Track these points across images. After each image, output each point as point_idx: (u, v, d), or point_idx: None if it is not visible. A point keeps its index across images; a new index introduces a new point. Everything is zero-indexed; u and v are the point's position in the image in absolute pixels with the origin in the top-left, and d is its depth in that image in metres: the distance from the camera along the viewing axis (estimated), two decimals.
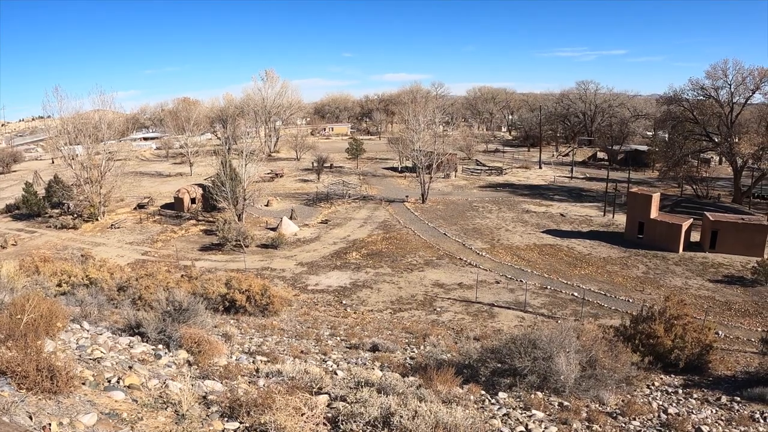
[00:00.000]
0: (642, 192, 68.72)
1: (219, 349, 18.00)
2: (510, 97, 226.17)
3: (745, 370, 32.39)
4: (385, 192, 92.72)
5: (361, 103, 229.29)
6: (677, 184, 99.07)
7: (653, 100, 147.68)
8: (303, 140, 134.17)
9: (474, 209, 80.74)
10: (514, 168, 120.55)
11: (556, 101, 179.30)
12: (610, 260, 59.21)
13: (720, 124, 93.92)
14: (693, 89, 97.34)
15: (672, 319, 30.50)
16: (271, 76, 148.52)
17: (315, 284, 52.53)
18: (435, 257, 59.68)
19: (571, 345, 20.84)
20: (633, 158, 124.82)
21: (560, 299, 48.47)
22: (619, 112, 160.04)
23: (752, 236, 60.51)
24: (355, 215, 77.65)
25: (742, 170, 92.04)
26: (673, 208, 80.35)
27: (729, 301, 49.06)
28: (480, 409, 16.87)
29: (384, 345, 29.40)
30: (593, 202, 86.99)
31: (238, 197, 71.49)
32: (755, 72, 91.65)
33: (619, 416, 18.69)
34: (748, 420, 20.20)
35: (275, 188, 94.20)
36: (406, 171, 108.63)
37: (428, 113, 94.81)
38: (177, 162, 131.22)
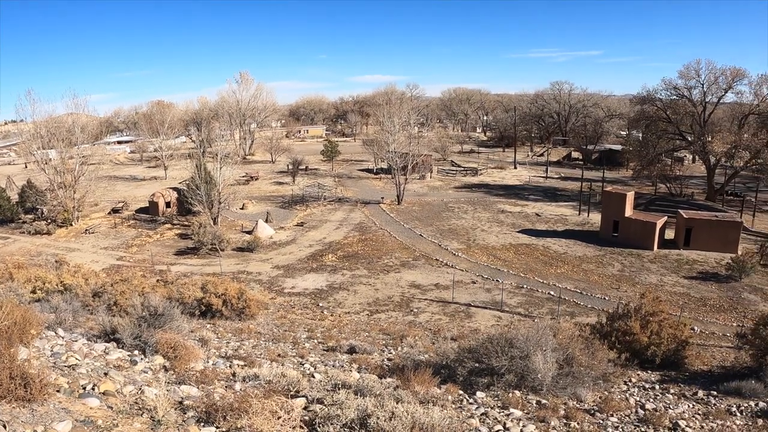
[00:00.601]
0: (616, 191, 69.20)
1: (195, 354, 17.86)
2: (484, 98, 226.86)
3: (721, 365, 32.73)
4: (360, 194, 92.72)
5: (336, 105, 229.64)
6: (651, 183, 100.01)
7: (627, 100, 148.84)
8: (278, 143, 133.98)
9: (449, 210, 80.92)
10: (489, 168, 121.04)
11: (530, 102, 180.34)
12: (585, 259, 59.54)
13: (693, 123, 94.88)
14: (666, 89, 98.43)
15: (648, 315, 30.68)
16: (246, 78, 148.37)
17: (291, 287, 52.36)
18: (411, 258, 59.71)
19: (548, 343, 20.90)
20: (607, 158, 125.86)
21: (537, 298, 48.65)
22: (593, 112, 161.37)
23: (726, 233, 61.16)
24: (330, 217, 77.55)
25: (715, 168, 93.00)
26: (647, 207, 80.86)
27: (704, 297, 49.57)
28: (458, 409, 16.86)
29: (361, 347, 29.34)
30: (568, 201, 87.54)
31: (213, 201, 71.16)
32: (727, 72, 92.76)
33: (597, 413, 18.75)
34: (724, 414, 20.32)
35: (250, 191, 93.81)
36: (382, 172, 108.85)
37: (403, 114, 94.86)
38: (151, 165, 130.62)
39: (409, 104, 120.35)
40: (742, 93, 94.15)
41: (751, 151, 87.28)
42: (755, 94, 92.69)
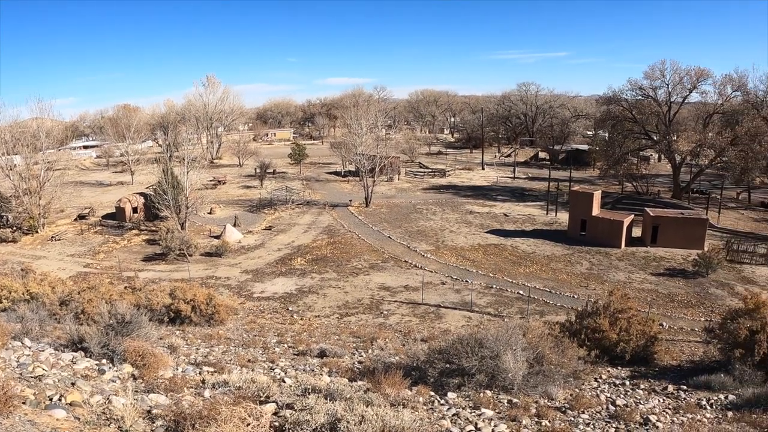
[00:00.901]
0: (583, 190, 69.65)
1: (164, 362, 17.71)
2: (452, 99, 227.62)
3: (690, 359, 33.14)
4: (328, 197, 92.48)
5: (304, 107, 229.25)
6: (618, 182, 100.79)
7: (593, 100, 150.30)
8: (245, 146, 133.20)
9: (418, 211, 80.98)
10: (457, 170, 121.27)
11: (497, 103, 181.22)
12: (554, 258, 59.86)
13: (659, 123, 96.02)
14: (632, 89, 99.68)
15: (616, 312, 30.91)
16: (213, 81, 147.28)
17: (261, 291, 52.10)
18: (380, 260, 59.66)
19: (518, 343, 20.97)
20: (574, 157, 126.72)
21: (506, 298, 48.81)
22: (560, 112, 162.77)
23: (692, 230, 61.84)
24: (299, 221, 77.28)
25: (681, 167, 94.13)
26: (614, 205, 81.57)
27: (672, 293, 50.13)
28: (429, 410, 16.86)
29: (332, 350, 29.26)
30: (536, 201, 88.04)
31: (180, 205, 70.57)
32: (692, 72, 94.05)
33: (568, 410, 18.83)
34: (694, 407, 20.50)
35: (218, 195, 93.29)
36: (350, 175, 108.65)
37: (370, 117, 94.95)
38: (118, 171, 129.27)
39: (376, 106, 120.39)
40: (707, 93, 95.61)
41: (715, 149, 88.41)
42: (719, 93, 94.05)
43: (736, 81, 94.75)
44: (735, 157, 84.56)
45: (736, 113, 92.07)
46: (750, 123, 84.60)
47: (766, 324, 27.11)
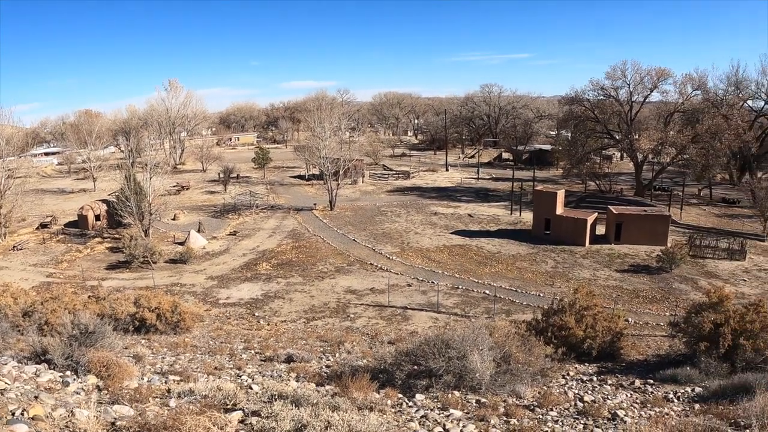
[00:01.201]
0: (547, 190, 70.21)
1: (129, 372, 17.44)
2: (415, 101, 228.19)
3: (656, 353, 33.57)
4: (293, 201, 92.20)
5: (267, 111, 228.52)
6: (581, 181, 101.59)
7: (556, 100, 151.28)
8: (209, 151, 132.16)
9: (383, 214, 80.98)
10: (421, 171, 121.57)
11: (461, 104, 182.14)
12: (519, 257, 60.14)
13: (620, 122, 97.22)
14: (594, 89, 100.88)
15: (582, 310, 31.12)
16: (175, 86, 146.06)
17: (226, 298, 51.75)
18: (346, 264, 59.53)
19: (484, 342, 20.96)
20: (537, 157, 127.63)
21: (472, 298, 48.94)
22: (523, 113, 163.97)
23: (655, 226, 62.56)
24: (263, 225, 76.90)
25: (643, 165, 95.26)
26: (578, 204, 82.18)
27: (636, 289, 50.72)
28: (398, 413, 16.75)
29: (299, 355, 29.04)
30: (500, 201, 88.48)
31: (143, 212, 69.91)
32: (653, 72, 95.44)
33: (537, 408, 18.85)
34: (662, 401, 20.65)
35: (182, 201, 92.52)
36: (314, 179, 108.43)
37: (334, 120, 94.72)
38: (80, 178, 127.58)
39: (340, 109, 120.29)
40: (667, 92, 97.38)
41: (676, 147, 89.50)
42: (680, 92, 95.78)
43: (696, 80, 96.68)
44: (696, 155, 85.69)
45: (697, 111, 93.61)
46: (710, 121, 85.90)
47: (730, 317, 27.43)
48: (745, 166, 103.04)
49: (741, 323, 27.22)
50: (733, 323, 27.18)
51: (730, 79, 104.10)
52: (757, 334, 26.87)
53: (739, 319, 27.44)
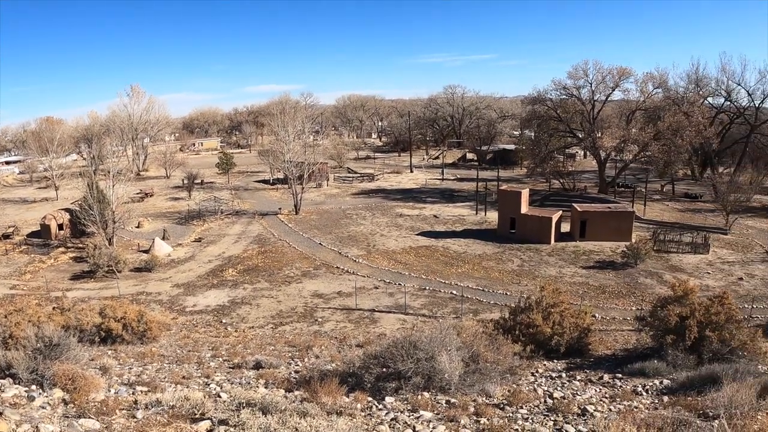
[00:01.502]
0: (511, 189, 70.52)
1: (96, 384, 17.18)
2: (379, 104, 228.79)
3: (624, 348, 33.96)
4: (258, 205, 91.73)
5: (231, 116, 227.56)
6: (545, 180, 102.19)
7: (519, 100, 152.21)
8: (172, 157, 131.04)
9: (348, 217, 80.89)
10: (385, 173, 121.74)
11: (424, 106, 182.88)
12: (485, 256, 60.33)
13: (583, 121, 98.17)
14: (556, 89, 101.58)
15: (549, 307, 31.33)
16: (137, 91, 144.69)
17: (193, 305, 51.29)
18: (312, 268, 59.32)
19: (452, 343, 20.98)
20: (501, 157, 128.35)
21: (440, 299, 49.02)
22: (487, 113, 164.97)
23: (619, 223, 63.19)
24: (228, 231, 76.43)
25: (606, 162, 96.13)
26: (542, 203, 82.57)
27: (603, 284, 51.17)
28: (367, 417, 16.68)
29: (267, 361, 28.90)
30: (465, 201, 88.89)
31: (107, 220, 69.04)
32: (614, 71, 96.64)
33: (507, 406, 18.87)
34: (630, 394, 20.82)
35: (146, 208, 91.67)
36: (278, 183, 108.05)
37: (297, 123, 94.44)
38: (42, 186, 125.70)
39: (303, 113, 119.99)
40: (629, 90, 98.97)
41: (639, 144, 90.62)
42: (641, 91, 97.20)
43: (657, 78, 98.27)
44: (658, 151, 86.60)
45: (658, 109, 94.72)
46: (671, 118, 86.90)
47: (696, 309, 27.74)
48: (706, 161, 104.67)
49: (706, 315, 27.54)
50: (698, 316, 27.50)
51: (690, 77, 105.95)
52: (722, 325, 27.21)
53: (705, 311, 27.76)
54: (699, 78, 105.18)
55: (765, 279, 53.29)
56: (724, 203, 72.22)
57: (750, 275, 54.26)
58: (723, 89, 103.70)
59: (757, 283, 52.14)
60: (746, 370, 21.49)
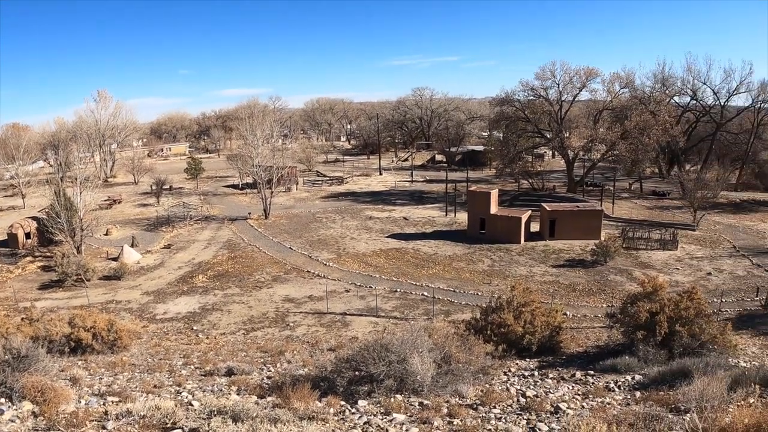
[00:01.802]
0: (481, 190, 70.81)
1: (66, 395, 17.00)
2: (348, 106, 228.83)
3: (595, 345, 34.27)
4: (227, 210, 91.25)
5: (199, 120, 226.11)
6: (514, 180, 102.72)
7: (487, 102, 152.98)
8: (140, 163, 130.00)
9: (318, 220, 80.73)
10: (354, 176, 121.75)
11: (393, 108, 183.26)
12: (455, 257, 60.47)
13: (551, 121, 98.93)
14: (524, 90, 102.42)
15: (520, 306, 31.47)
16: (104, 96, 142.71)
17: (163, 313, 50.84)
18: (282, 272, 59.10)
19: (424, 344, 20.98)
20: (470, 158, 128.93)
21: (411, 300, 49.04)
22: (455, 115, 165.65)
23: (588, 221, 63.65)
24: (198, 237, 75.93)
25: (574, 162, 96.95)
26: (512, 203, 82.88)
27: (573, 283, 51.58)
28: (341, 421, 16.61)
29: (239, 368, 28.70)
30: (435, 203, 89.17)
31: (75, 228, 68.19)
32: (581, 72, 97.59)
33: (480, 406, 18.91)
34: (603, 391, 20.98)
35: (114, 215, 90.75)
36: (248, 187, 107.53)
37: (266, 127, 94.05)
38: (8, 194, 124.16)
39: (272, 117, 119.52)
40: (596, 90, 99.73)
41: (606, 143, 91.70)
42: (608, 91, 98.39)
43: (624, 78, 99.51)
44: (625, 150, 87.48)
45: (625, 109, 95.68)
46: (638, 117, 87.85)
47: (665, 305, 28.01)
48: (673, 159, 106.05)
49: (676, 311, 27.81)
50: (668, 311, 27.77)
51: (656, 77, 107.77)
52: (692, 320, 27.50)
53: (674, 306, 28.05)
54: (665, 78, 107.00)
55: (733, 273, 54.07)
56: (692, 200, 73.03)
57: (718, 270, 55.00)
58: (689, 88, 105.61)
59: (725, 278, 52.89)
60: (717, 363, 21.74)
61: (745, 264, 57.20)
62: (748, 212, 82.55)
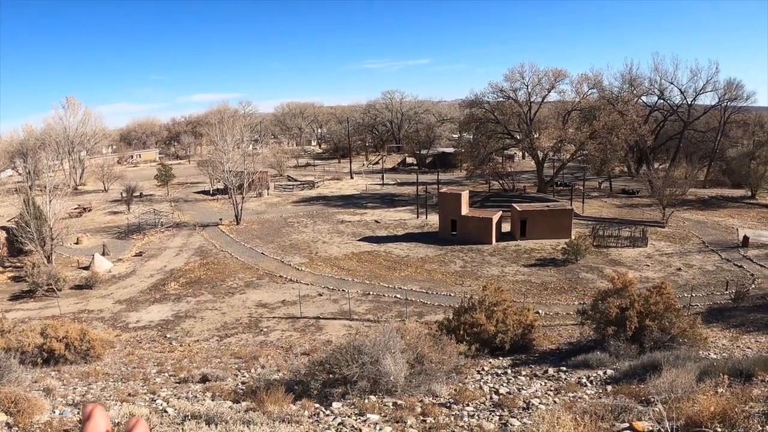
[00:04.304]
0: (452, 191, 71.10)
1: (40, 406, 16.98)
2: (318, 110, 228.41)
3: (568, 342, 34.69)
4: (198, 217, 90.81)
5: (169, 126, 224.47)
6: (485, 181, 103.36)
7: (457, 104, 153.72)
8: (110, 170, 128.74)
9: (289, 225, 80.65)
10: (326, 180, 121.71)
11: (363, 112, 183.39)
12: (428, 259, 60.70)
13: (520, 122, 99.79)
14: (493, 92, 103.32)
15: (492, 306, 31.74)
16: (73, 103, 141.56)
17: (136, 321, 50.52)
18: (255, 278, 58.98)
19: (396, 345, 21.14)
20: (441, 160, 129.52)
21: (384, 303, 49.17)
22: (425, 118, 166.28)
23: (559, 221, 64.24)
24: (169, 244, 75.56)
25: (544, 162, 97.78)
26: (482, 204, 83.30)
27: (545, 281, 52.09)
28: (315, 423, 16.71)
29: (213, 374, 28.71)
30: (406, 205, 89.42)
31: (45, 237, 67.53)
32: (550, 73, 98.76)
33: (453, 405, 19.08)
34: (575, 386, 21.22)
35: (84, 224, 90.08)
36: (219, 193, 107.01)
37: (236, 133, 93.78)
38: None
39: (242, 122, 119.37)
40: (565, 91, 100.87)
41: (575, 143, 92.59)
42: (576, 91, 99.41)
43: (592, 79, 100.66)
44: (594, 150, 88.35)
45: (594, 109, 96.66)
46: (607, 117, 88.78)
47: (635, 300, 28.44)
48: (642, 158, 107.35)
49: (645, 305, 28.24)
50: (638, 306, 28.19)
51: (624, 77, 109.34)
52: (662, 314, 27.93)
53: (644, 301, 28.48)
54: (633, 78, 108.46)
55: (703, 268, 54.87)
56: (661, 197, 73.87)
57: (688, 265, 55.80)
58: (656, 88, 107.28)
59: (695, 273, 53.66)
60: (687, 356, 22.14)
61: (714, 259, 58.05)
62: (717, 208, 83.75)
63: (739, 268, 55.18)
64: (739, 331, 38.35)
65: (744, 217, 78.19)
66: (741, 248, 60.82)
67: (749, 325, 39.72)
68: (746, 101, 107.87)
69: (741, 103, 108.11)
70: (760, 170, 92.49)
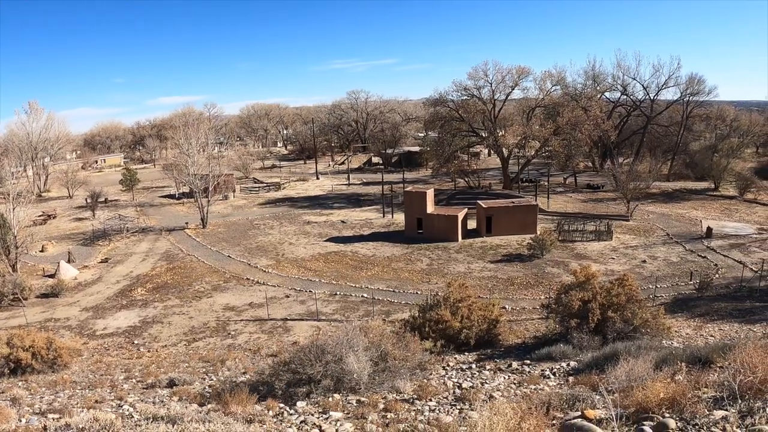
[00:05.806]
0: (417, 190, 71.41)
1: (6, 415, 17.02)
2: (283, 112, 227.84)
3: (534, 336, 35.23)
4: (164, 221, 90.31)
5: (133, 130, 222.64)
6: (450, 179, 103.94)
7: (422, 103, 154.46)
8: (74, 176, 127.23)
9: (256, 227, 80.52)
10: (291, 182, 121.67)
11: (328, 112, 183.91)
12: (394, 258, 60.91)
13: (485, 120, 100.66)
14: (457, 90, 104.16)
15: (456, 302, 32.03)
16: (35, 108, 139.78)
17: (103, 328, 50.14)
18: (222, 281, 58.83)
19: (359, 344, 21.32)
20: (407, 159, 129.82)
21: (351, 303, 49.29)
22: (391, 117, 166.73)
23: (524, 217, 64.77)
24: (135, 249, 75.06)
25: (509, 159, 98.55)
26: (448, 201, 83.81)
27: (511, 277, 52.59)
28: (278, 422, 16.86)
29: (181, 378, 28.72)
30: (372, 205, 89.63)
31: (9, 246, 66.72)
32: (513, 70, 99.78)
33: (416, 400, 19.35)
34: (538, 378, 21.62)
35: (49, 231, 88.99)
36: (184, 197, 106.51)
37: (201, 135, 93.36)
38: None
39: (207, 124, 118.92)
40: (528, 89, 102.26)
41: (540, 140, 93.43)
42: (540, 88, 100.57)
43: (556, 76, 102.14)
44: (558, 146, 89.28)
45: (557, 105, 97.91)
46: (570, 113, 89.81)
47: (597, 293, 28.87)
48: (606, 153, 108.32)
49: (608, 298, 28.69)
50: (600, 299, 28.62)
51: (587, 74, 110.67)
52: (624, 306, 28.41)
53: (606, 294, 28.92)
54: (596, 74, 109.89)
55: (667, 260, 55.77)
56: (625, 191, 74.85)
57: (652, 257, 56.68)
58: (619, 84, 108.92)
59: (659, 264, 54.53)
60: (649, 345, 22.61)
61: (679, 250, 59.00)
62: (680, 201, 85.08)
63: (702, 258, 56.19)
64: (703, 320, 39.07)
65: (707, 209, 79.44)
66: (705, 239, 61.82)
67: (713, 314, 40.47)
68: (708, 95, 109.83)
69: (703, 98, 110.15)
70: (722, 163, 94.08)
